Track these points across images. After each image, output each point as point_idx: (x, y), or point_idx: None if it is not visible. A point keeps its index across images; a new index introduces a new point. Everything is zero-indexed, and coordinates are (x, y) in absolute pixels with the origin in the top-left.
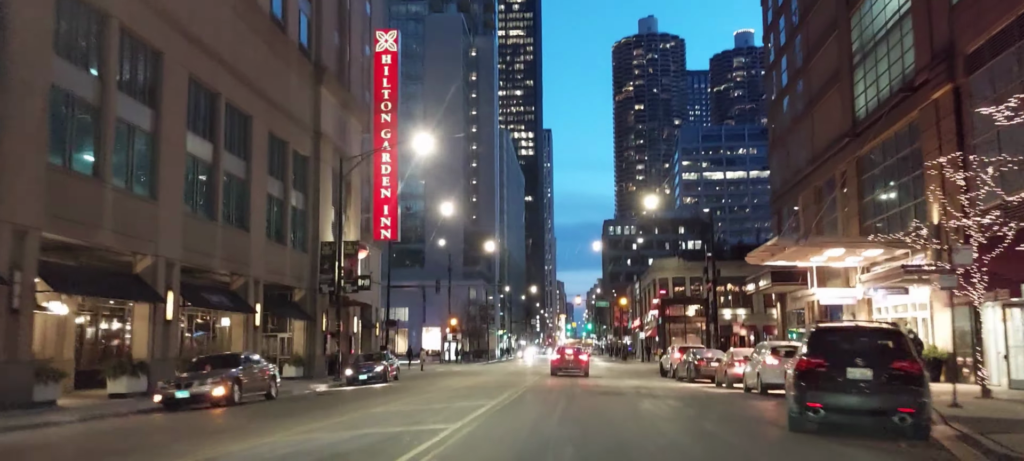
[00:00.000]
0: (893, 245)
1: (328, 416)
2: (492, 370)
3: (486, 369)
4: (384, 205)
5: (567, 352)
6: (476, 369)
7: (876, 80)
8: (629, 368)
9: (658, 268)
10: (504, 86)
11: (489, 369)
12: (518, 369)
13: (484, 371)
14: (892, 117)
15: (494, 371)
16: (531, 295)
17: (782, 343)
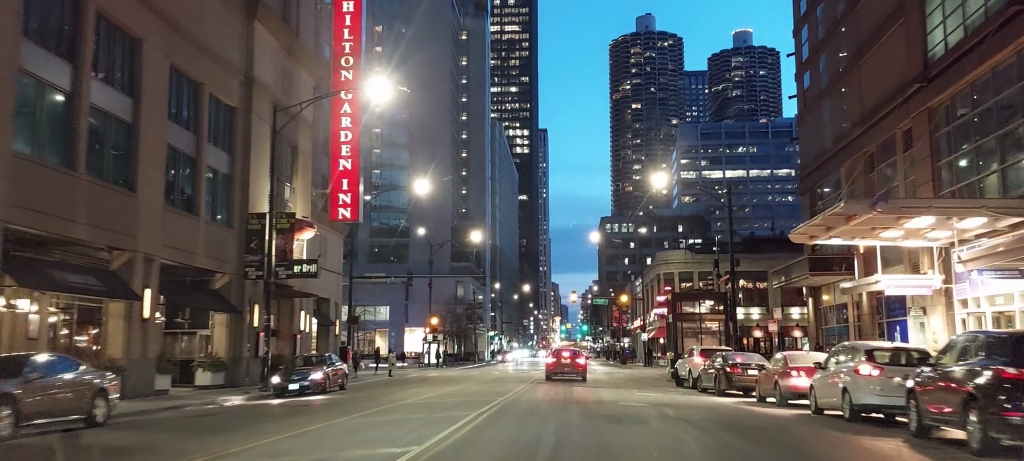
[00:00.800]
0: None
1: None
2: (472, 376)
3: (466, 375)
4: (343, 179)
5: (564, 355)
6: (455, 375)
7: (961, 5)
8: (633, 374)
9: (662, 262)
10: (499, 82)
11: (469, 375)
12: (501, 376)
13: (463, 377)
14: (989, 47)
15: (474, 378)
16: (524, 294)
17: (879, 345)
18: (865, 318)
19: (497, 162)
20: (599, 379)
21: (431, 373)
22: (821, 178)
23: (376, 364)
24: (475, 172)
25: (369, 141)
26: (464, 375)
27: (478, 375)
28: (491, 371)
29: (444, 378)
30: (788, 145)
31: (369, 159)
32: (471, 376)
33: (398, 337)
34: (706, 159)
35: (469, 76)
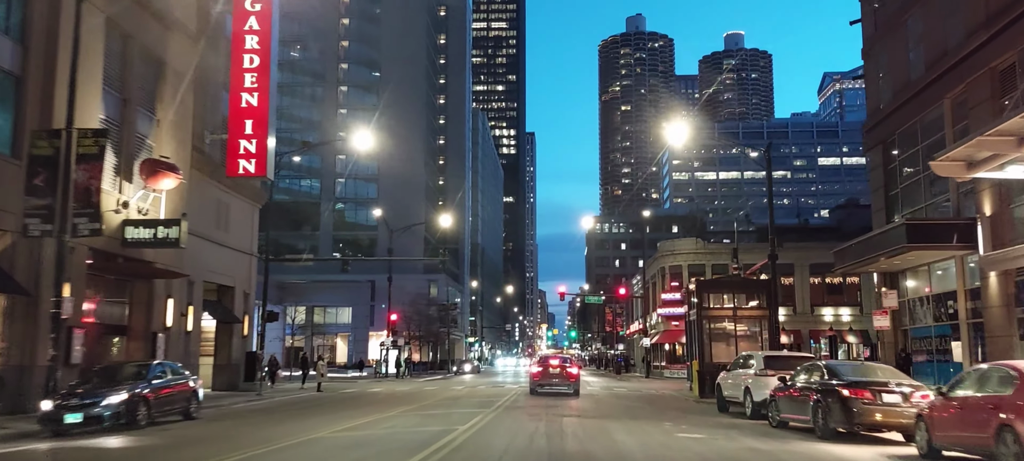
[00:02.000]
0: None
1: None
2: (428, 393)
3: (421, 391)
4: (246, 120)
5: (552, 363)
6: (408, 391)
7: None
8: (638, 389)
9: (668, 253)
10: (485, 80)
11: (425, 391)
12: (466, 392)
13: (416, 394)
14: None
15: (430, 395)
16: (508, 297)
17: None
18: (993, 311)
19: (480, 154)
20: (596, 395)
21: (377, 388)
22: (903, 122)
23: (303, 375)
24: (454, 160)
25: (333, 127)
26: (419, 391)
27: (437, 390)
28: (453, 385)
29: (389, 396)
30: (784, 146)
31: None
32: (427, 393)
33: (360, 343)
34: (699, 160)
35: (447, 56)
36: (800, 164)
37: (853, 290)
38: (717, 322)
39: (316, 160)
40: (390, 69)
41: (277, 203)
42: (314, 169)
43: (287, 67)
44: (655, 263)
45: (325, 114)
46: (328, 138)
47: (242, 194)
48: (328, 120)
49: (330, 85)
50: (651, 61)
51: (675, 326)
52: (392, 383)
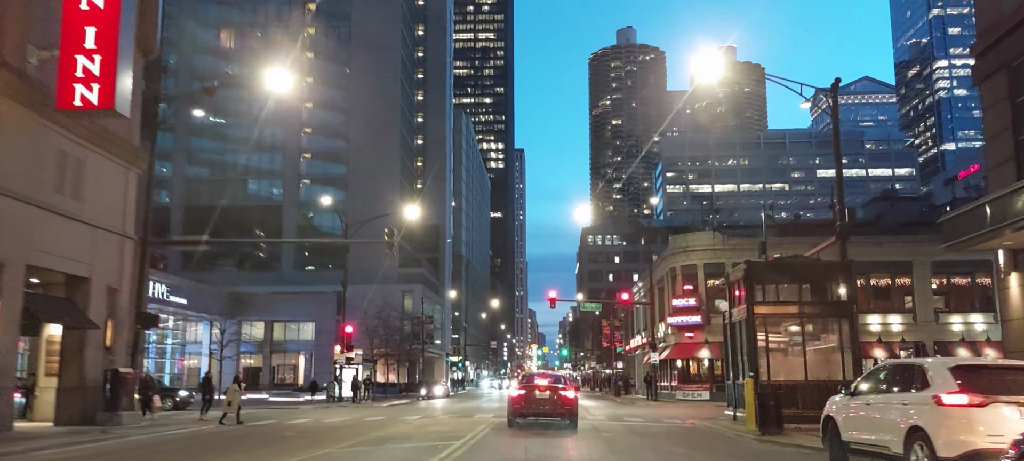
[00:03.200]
0: None
1: None
2: (358, 428)
3: (354, 424)
4: (86, 27)
5: (539, 384)
6: (334, 424)
7: None
8: (654, 417)
9: (680, 250)
10: (472, 93)
11: (357, 425)
12: (414, 429)
13: (336, 431)
14: None
15: (348, 434)
16: (495, 313)
17: None
18: None
19: (464, 160)
20: (603, 430)
21: (305, 419)
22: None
23: (205, 402)
24: (432, 161)
25: (297, 122)
26: (357, 422)
27: (383, 421)
28: (408, 415)
29: (309, 432)
30: (781, 157)
31: (297, 141)
32: (367, 425)
33: (324, 362)
34: (694, 172)
35: (426, 49)
36: (798, 176)
37: (984, 294)
38: (776, 324)
39: (277, 160)
40: (360, 55)
41: (237, 208)
42: (276, 172)
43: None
44: (663, 264)
45: (288, 108)
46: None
47: (106, 149)
48: (292, 115)
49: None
50: (642, 74)
51: (689, 338)
52: (339, 411)
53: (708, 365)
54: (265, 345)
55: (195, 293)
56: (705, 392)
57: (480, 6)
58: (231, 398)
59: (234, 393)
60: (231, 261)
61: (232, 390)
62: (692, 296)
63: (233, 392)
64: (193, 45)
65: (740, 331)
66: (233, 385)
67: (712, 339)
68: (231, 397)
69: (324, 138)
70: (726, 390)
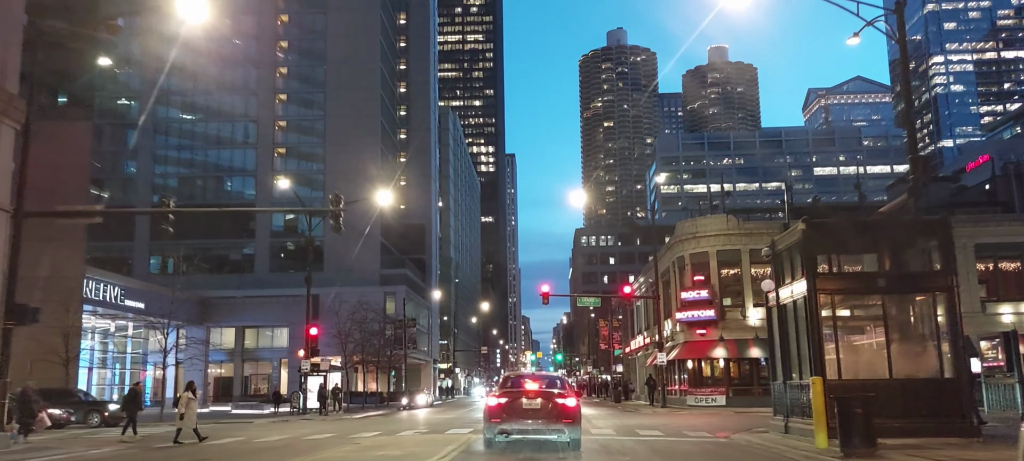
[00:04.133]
0: None
1: None
2: (289, 451)
3: (288, 445)
4: None
5: (527, 388)
6: (266, 444)
7: None
8: (676, 429)
9: (688, 236)
10: (461, 95)
11: (293, 446)
12: (350, 452)
13: (259, 456)
14: None
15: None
16: (486, 317)
17: None
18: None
19: (451, 158)
20: (624, 453)
21: (231, 438)
22: None
23: (129, 421)
24: (417, 157)
25: (270, 117)
26: (292, 444)
27: (328, 441)
28: (365, 430)
29: (216, 456)
30: (778, 155)
31: (271, 138)
32: (305, 445)
33: (295, 370)
34: (688, 172)
35: (409, 37)
36: (796, 174)
37: None
38: (847, 304)
39: (250, 158)
40: (338, 44)
41: (206, 205)
42: (248, 170)
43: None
44: (669, 253)
45: (262, 89)
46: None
47: None
48: (264, 92)
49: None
50: (633, 75)
51: (700, 336)
52: (292, 425)
53: (723, 366)
54: (236, 354)
55: (156, 298)
56: (720, 396)
57: (468, 8)
58: (183, 410)
59: (187, 403)
60: (207, 265)
61: (185, 400)
62: (704, 288)
63: (186, 402)
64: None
65: (792, 316)
66: (185, 394)
67: (728, 336)
68: (183, 408)
69: (299, 135)
70: (773, 394)
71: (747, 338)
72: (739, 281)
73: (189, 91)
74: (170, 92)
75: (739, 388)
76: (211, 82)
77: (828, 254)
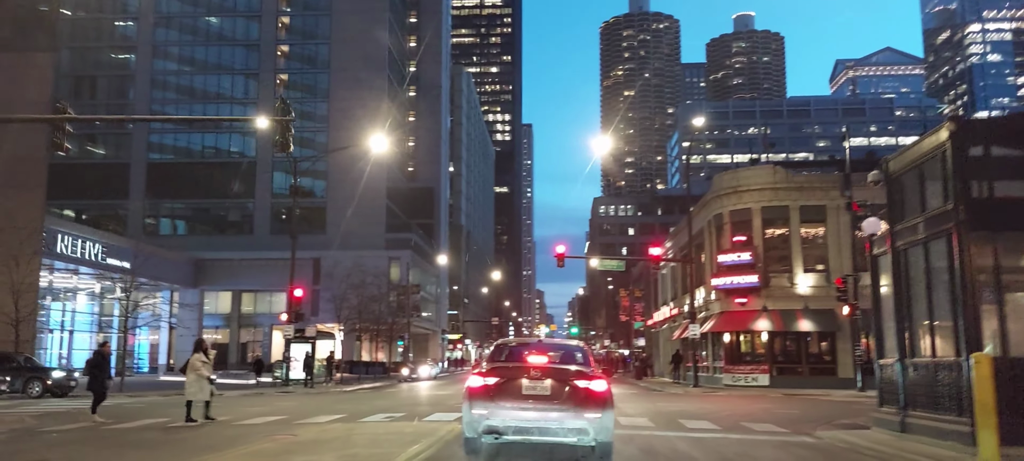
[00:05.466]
0: None
1: None
2: (204, 440)
3: (219, 433)
4: None
5: (531, 362)
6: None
7: None
8: (730, 417)
9: (729, 190)
10: (478, 61)
11: (228, 429)
12: (298, 439)
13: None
14: None
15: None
16: (498, 287)
17: None
18: None
19: (464, 121)
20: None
21: (150, 417)
22: None
23: (97, 393)
24: (428, 118)
25: (271, 69)
26: (198, 435)
27: (285, 421)
28: (332, 411)
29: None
30: (806, 125)
31: (271, 93)
32: (204, 438)
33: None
34: (712, 141)
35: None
36: (823, 145)
37: None
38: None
39: (250, 113)
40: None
41: (205, 164)
42: (248, 129)
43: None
44: (704, 211)
45: (263, 55)
46: None
47: None
48: (265, 66)
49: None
50: (655, 43)
51: (740, 305)
52: (256, 402)
53: (766, 340)
54: (233, 319)
55: (144, 257)
56: (762, 375)
57: None
58: (193, 376)
59: (197, 369)
60: (207, 227)
61: (194, 364)
62: (745, 250)
63: (194, 369)
64: None
65: (919, 267)
66: (195, 357)
67: (772, 306)
68: (193, 375)
69: (301, 93)
70: (879, 377)
71: (795, 309)
72: (787, 243)
73: (188, 43)
74: (167, 44)
75: (784, 366)
76: (211, 35)
77: (988, 175)
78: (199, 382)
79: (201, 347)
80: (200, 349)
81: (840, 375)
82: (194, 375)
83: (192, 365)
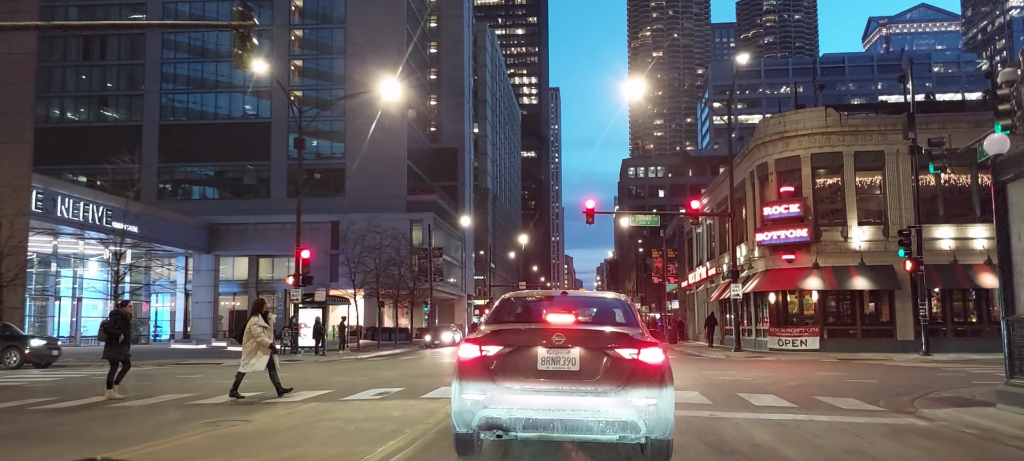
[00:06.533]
0: None
1: None
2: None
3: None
4: None
5: (549, 321)
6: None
7: None
8: (797, 385)
9: (775, 136)
10: (503, 23)
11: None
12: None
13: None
14: None
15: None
16: (525, 249)
17: None
18: None
19: (488, 80)
20: None
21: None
22: None
23: (114, 362)
24: (450, 77)
25: (285, 39)
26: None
27: (250, 404)
28: (320, 383)
29: None
30: (840, 83)
31: (286, 50)
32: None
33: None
34: (742, 101)
35: None
36: (858, 103)
37: None
38: None
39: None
40: None
41: (219, 126)
42: (263, 89)
43: None
44: (747, 161)
45: (277, 8)
46: None
47: None
48: (280, 32)
49: None
50: (684, 2)
51: (788, 263)
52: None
53: (817, 300)
54: (250, 285)
55: (155, 221)
56: (812, 339)
57: None
58: (252, 345)
59: (255, 335)
60: (226, 190)
61: (252, 329)
62: (793, 201)
63: (252, 335)
64: None
65: None
66: (253, 321)
67: (824, 262)
68: (251, 344)
69: (317, 53)
70: (1009, 340)
71: (849, 265)
72: (840, 193)
73: (198, 1)
74: (177, 1)
75: (835, 328)
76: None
77: None
78: (256, 351)
79: (260, 309)
80: (259, 311)
81: (899, 337)
82: (252, 343)
83: (249, 331)
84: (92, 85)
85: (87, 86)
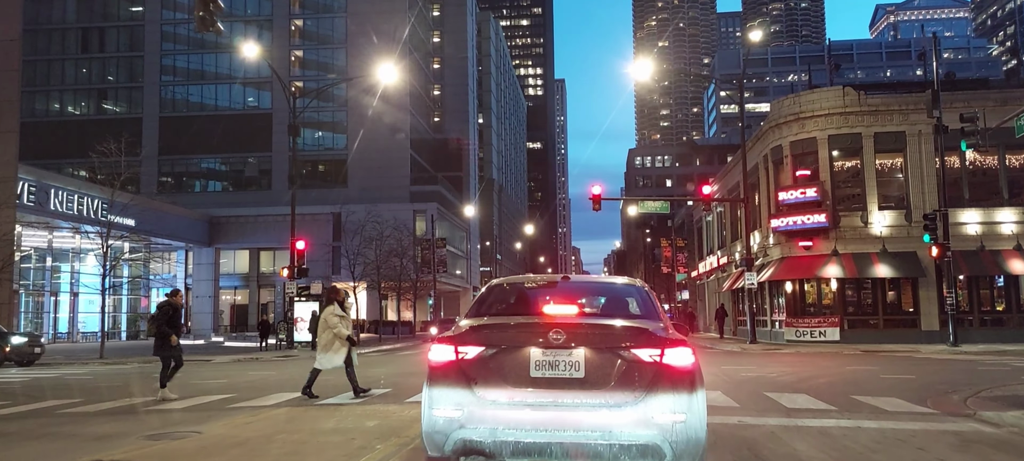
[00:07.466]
0: None
1: None
2: None
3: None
4: None
5: (549, 312)
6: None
7: None
8: (842, 387)
9: (790, 117)
10: (508, 14)
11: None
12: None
13: None
14: None
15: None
16: (531, 240)
17: None
18: None
19: (493, 70)
20: None
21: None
22: None
23: (166, 360)
24: (453, 66)
25: (285, 30)
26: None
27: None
28: (261, 402)
29: None
30: (849, 71)
31: (286, 43)
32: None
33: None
34: (750, 90)
35: None
36: (875, 83)
37: None
38: None
39: (264, 67)
40: None
41: (220, 118)
42: (264, 79)
43: None
44: (761, 144)
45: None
46: None
47: None
48: (280, 23)
49: None
50: None
51: (805, 250)
52: (250, 366)
53: (836, 289)
54: (252, 279)
55: (153, 214)
56: (831, 329)
57: None
58: (326, 339)
59: (332, 326)
60: (226, 181)
61: (329, 320)
62: (810, 185)
63: (328, 326)
64: None
65: None
66: (328, 311)
67: (843, 249)
68: (327, 337)
69: (317, 44)
70: None
71: (870, 252)
72: (859, 176)
73: None
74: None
75: (856, 318)
76: None
77: None
78: (334, 343)
79: (335, 297)
80: (334, 300)
81: (923, 327)
82: (329, 334)
83: (325, 322)
84: (92, 78)
85: (87, 79)
